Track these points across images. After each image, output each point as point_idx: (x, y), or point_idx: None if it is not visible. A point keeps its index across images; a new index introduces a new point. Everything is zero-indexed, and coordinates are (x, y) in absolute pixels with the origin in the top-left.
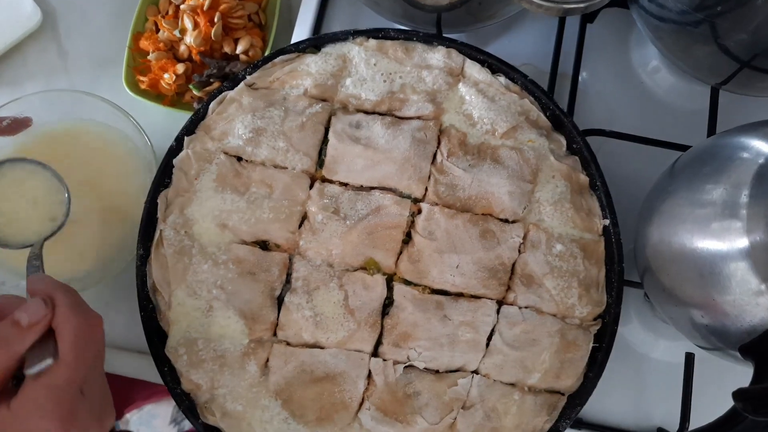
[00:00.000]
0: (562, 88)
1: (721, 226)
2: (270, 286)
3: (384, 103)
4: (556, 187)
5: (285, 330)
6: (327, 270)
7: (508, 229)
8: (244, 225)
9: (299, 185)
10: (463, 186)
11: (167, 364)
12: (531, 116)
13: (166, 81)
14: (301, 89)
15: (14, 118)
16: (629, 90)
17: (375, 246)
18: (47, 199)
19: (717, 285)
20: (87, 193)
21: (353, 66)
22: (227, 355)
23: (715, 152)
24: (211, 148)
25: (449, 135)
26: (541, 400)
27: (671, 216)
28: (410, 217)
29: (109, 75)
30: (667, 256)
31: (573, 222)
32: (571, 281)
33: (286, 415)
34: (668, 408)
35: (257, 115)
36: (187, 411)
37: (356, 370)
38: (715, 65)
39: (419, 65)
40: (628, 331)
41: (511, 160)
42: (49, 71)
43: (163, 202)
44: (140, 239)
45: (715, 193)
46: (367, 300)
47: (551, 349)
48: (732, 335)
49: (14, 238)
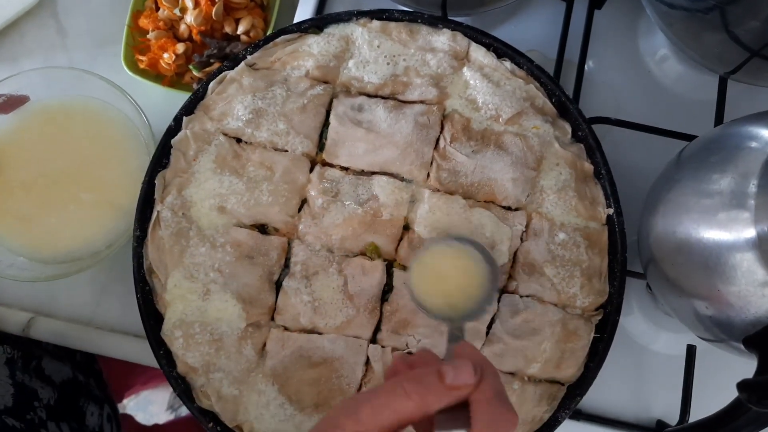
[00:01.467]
0: (568, 76)
1: (728, 216)
2: (268, 270)
3: (387, 86)
4: (560, 175)
5: (283, 315)
6: (326, 255)
7: (511, 216)
8: (242, 208)
9: (299, 168)
10: (466, 172)
11: (163, 347)
12: (536, 102)
13: (166, 61)
14: (302, 70)
15: (11, 96)
16: (636, 79)
17: (375, 231)
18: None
19: (722, 275)
20: (83, 173)
21: (356, 47)
22: (224, 338)
23: (723, 141)
24: (210, 129)
25: (453, 120)
26: (541, 390)
27: (677, 205)
28: (411, 203)
29: (107, 54)
30: (671, 245)
31: (576, 210)
32: (573, 270)
33: (283, 400)
34: (668, 400)
35: (258, 95)
36: (182, 394)
37: (354, 356)
38: (724, 53)
39: (423, 48)
40: (630, 322)
41: (515, 147)
42: (47, 49)
43: (160, 183)
44: (137, 220)
45: (723, 182)
46: (367, 286)
47: (552, 339)
48: (736, 327)
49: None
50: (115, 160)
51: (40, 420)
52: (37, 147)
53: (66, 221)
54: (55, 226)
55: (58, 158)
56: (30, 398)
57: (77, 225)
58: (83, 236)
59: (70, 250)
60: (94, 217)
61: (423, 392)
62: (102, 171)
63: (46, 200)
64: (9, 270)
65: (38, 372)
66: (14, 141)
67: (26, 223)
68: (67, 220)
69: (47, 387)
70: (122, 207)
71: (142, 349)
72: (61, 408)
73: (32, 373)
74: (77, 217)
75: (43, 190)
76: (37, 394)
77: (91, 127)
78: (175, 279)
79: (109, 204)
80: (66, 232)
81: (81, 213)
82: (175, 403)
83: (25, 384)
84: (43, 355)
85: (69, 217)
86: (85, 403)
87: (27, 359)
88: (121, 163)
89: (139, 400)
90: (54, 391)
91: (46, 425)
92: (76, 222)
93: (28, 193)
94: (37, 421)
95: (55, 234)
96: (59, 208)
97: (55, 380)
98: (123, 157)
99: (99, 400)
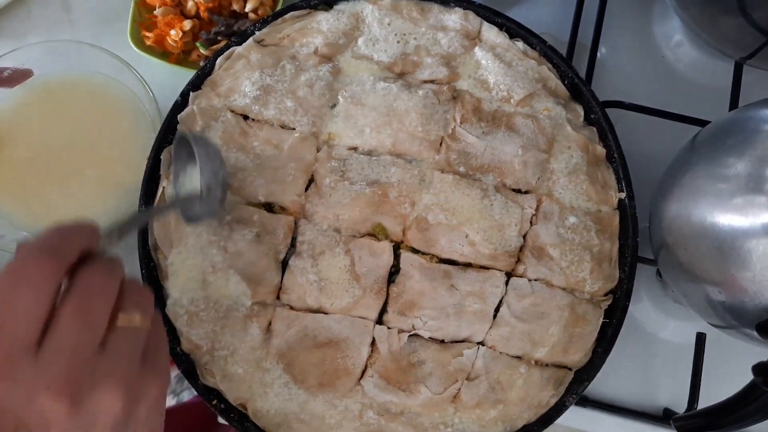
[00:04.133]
0: (581, 59)
1: (744, 200)
2: (274, 249)
3: (397, 65)
4: (571, 158)
5: (288, 294)
6: (333, 235)
7: (521, 199)
8: (249, 185)
9: (306, 147)
10: (476, 154)
11: (167, 324)
12: (549, 84)
13: (173, 38)
14: (311, 47)
15: (15, 69)
16: (650, 63)
17: (383, 212)
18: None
19: (736, 260)
20: (87, 148)
21: (366, 25)
22: (229, 316)
23: (739, 125)
24: (217, 105)
25: (463, 100)
26: (548, 374)
27: (691, 189)
28: (420, 183)
29: (113, 30)
30: (685, 230)
31: (588, 194)
32: (583, 255)
33: (287, 379)
34: (675, 389)
35: (265, 72)
36: (186, 372)
37: (360, 336)
38: (741, 38)
39: (435, 27)
40: (638, 310)
41: (527, 129)
42: (52, 24)
43: (166, 159)
44: (142, 196)
45: (739, 166)
46: (374, 267)
47: (560, 323)
48: (749, 312)
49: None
50: (120, 136)
51: None
52: (41, 122)
53: (70, 197)
54: (59, 202)
55: (62, 134)
56: None
57: (81, 201)
58: (87, 212)
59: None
60: (98, 193)
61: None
62: (107, 147)
63: (49, 176)
64: (12, 245)
65: None
66: (18, 116)
67: (29, 198)
68: (71, 195)
69: None
70: (126, 183)
71: None
72: None
73: None
74: (81, 193)
75: (47, 166)
76: None
77: (96, 103)
78: (181, 256)
79: (113, 180)
80: (69, 207)
81: (85, 189)
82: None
83: None
84: None
85: (73, 193)
86: None
87: None
88: (126, 139)
89: None
90: None
91: None
92: (80, 198)
93: (32, 169)
94: None
95: (59, 209)
96: (63, 184)
97: None
98: (128, 133)
99: None
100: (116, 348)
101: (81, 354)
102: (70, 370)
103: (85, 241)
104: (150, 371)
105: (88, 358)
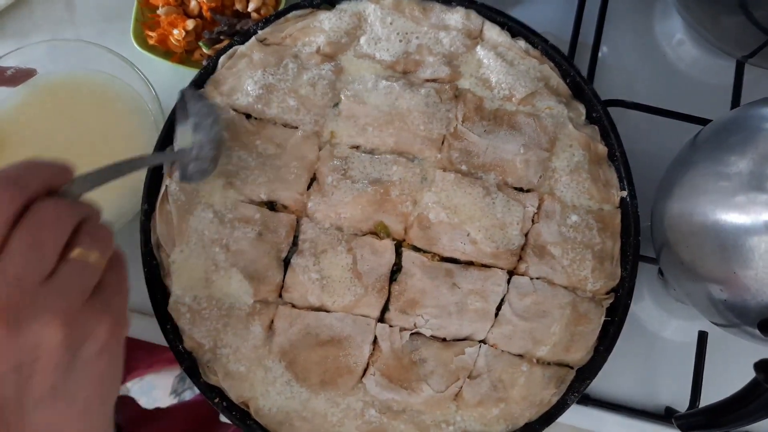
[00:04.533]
0: (582, 59)
1: (746, 198)
2: (276, 248)
3: (399, 64)
4: (573, 156)
5: (291, 292)
6: (335, 233)
7: (522, 197)
8: (251, 184)
9: (309, 145)
10: (478, 152)
11: (170, 322)
12: (551, 83)
13: (176, 37)
14: (313, 47)
15: (18, 68)
16: (651, 62)
17: (385, 211)
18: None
19: (739, 258)
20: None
21: (368, 24)
22: (231, 315)
23: (741, 123)
24: (219, 104)
25: (465, 99)
26: (550, 373)
27: (693, 188)
28: (422, 182)
29: (116, 29)
30: (686, 229)
31: (589, 193)
32: (585, 253)
33: (289, 378)
34: (677, 388)
35: (268, 71)
36: (188, 370)
37: (362, 335)
38: (742, 36)
39: (437, 26)
40: (641, 309)
41: (528, 127)
42: (55, 23)
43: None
44: (145, 194)
45: (741, 164)
46: (375, 265)
47: (562, 322)
48: (751, 311)
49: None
50: (123, 135)
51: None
52: (43, 121)
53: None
54: None
55: (65, 132)
56: None
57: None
58: None
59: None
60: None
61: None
62: (109, 146)
63: None
64: None
65: None
66: (21, 115)
67: None
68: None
69: None
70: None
71: (148, 326)
72: None
73: None
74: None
75: None
76: None
77: (99, 102)
78: (183, 254)
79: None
80: None
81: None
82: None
83: None
84: None
85: None
86: None
87: None
88: (128, 138)
89: (143, 383)
90: None
91: None
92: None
93: None
94: None
95: None
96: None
97: None
98: (131, 132)
99: None
100: (63, 281)
101: (24, 282)
102: (10, 296)
103: (50, 177)
104: (99, 310)
105: (31, 287)
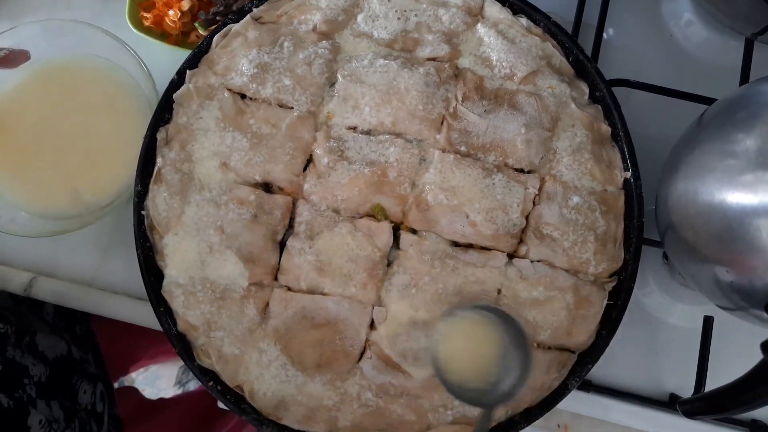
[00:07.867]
0: (586, 39)
1: (753, 177)
2: (272, 230)
3: (397, 43)
4: (575, 137)
5: (286, 274)
6: (332, 215)
7: (523, 179)
8: (246, 165)
9: (305, 126)
10: (478, 133)
11: (163, 304)
12: (553, 61)
13: (171, 18)
14: (309, 25)
15: (11, 50)
16: (657, 43)
17: (382, 192)
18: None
19: (745, 238)
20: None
21: (366, 2)
22: (225, 297)
23: (749, 99)
24: (213, 84)
25: (465, 78)
26: (551, 357)
27: (699, 167)
28: (420, 163)
29: (112, 11)
30: (692, 209)
31: (592, 174)
32: (587, 235)
33: (285, 361)
34: (682, 374)
35: (263, 50)
36: (182, 352)
37: (358, 318)
38: (752, 13)
39: (436, 3)
40: (645, 294)
41: (530, 107)
42: (50, 5)
43: (162, 138)
44: (138, 175)
45: (748, 141)
46: (373, 248)
47: (563, 305)
48: (758, 292)
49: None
50: (118, 116)
51: (29, 398)
52: (39, 104)
53: (67, 177)
54: (57, 182)
55: (60, 115)
56: (20, 375)
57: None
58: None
59: (70, 206)
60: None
61: None
62: (105, 127)
63: (47, 156)
64: (9, 225)
65: (31, 348)
66: (16, 98)
67: (28, 178)
68: (69, 175)
69: (39, 364)
70: (124, 162)
71: (144, 311)
72: (52, 385)
73: (24, 349)
74: (79, 173)
75: (45, 147)
76: (27, 370)
77: (94, 84)
78: (177, 237)
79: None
80: (67, 187)
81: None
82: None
83: (16, 360)
84: (37, 330)
85: (71, 173)
86: (78, 381)
87: (20, 335)
88: (123, 119)
89: (147, 374)
90: (46, 368)
91: (35, 403)
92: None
93: (30, 149)
94: (26, 399)
95: (57, 189)
96: (61, 164)
97: (48, 356)
98: (126, 113)
99: (93, 377)
100: None
101: None
102: None
103: None
104: None
105: None
